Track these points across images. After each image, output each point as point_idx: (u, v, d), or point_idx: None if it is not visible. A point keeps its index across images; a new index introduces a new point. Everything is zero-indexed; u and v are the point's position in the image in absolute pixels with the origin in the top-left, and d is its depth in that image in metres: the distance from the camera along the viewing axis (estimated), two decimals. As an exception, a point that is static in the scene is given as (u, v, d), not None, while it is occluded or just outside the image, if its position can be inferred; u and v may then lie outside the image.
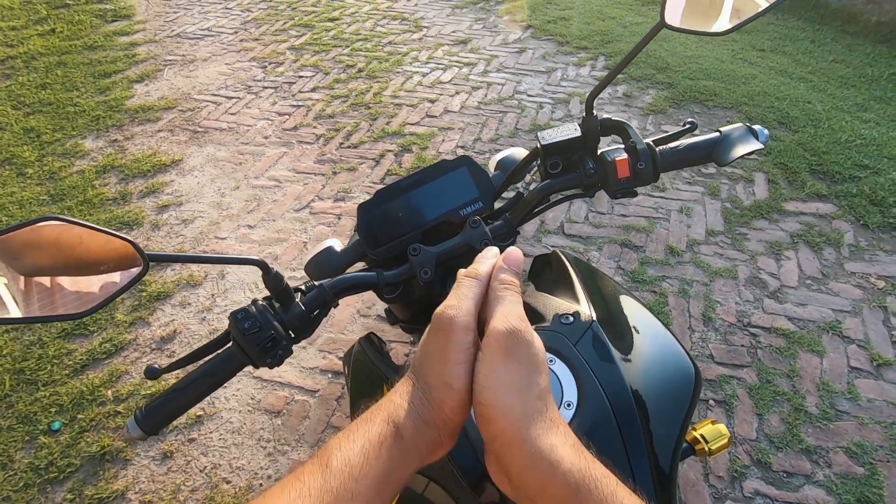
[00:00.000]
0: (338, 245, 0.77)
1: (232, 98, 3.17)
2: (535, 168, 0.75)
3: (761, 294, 1.95)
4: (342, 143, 2.76)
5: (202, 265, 2.11)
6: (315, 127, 2.89)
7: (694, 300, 1.92)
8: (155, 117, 3.02)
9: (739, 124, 0.68)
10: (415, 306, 0.80)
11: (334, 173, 2.56)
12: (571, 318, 0.58)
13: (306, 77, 3.33)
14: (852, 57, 3.45)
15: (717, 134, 0.67)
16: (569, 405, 0.51)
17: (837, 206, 2.31)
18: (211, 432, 1.59)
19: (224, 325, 1.92)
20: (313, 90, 3.20)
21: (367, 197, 0.82)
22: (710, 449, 0.86)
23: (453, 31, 3.86)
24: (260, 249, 2.18)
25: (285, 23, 4.06)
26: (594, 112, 0.66)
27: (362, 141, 2.76)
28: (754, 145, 0.64)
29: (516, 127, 2.83)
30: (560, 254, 0.79)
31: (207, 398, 1.60)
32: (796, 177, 2.46)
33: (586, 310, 0.60)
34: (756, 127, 0.67)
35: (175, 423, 1.60)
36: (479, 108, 2.99)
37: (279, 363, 0.58)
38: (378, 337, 0.89)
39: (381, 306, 1.94)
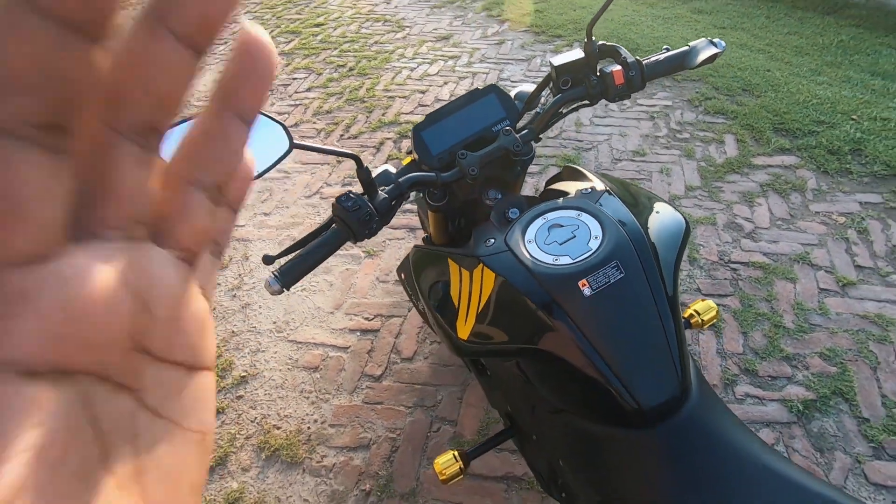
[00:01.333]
0: (392, 168, 0.95)
1: (231, 102, 3.31)
2: (547, 94, 0.94)
3: (738, 236, 2.17)
4: (343, 135, 2.93)
5: (235, 243, 2.26)
6: (315, 122, 3.06)
7: (679, 245, 2.14)
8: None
9: (703, 39, 0.88)
10: (452, 224, 0.98)
11: (339, 162, 2.73)
12: (589, 189, 0.77)
13: (300, 78, 3.50)
14: (804, 28, 3.74)
15: (687, 47, 0.87)
16: (596, 238, 0.70)
17: (800, 158, 2.56)
18: (256, 389, 1.74)
19: (255, 300, 2.07)
20: (308, 90, 3.37)
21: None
22: (702, 320, 1.05)
23: (434, 29, 4.06)
24: (278, 233, 2.34)
25: (272, 31, 4.23)
26: (593, 37, 0.85)
27: (361, 132, 2.93)
28: (715, 50, 0.84)
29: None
30: (571, 165, 0.98)
31: (251, 358, 1.75)
32: (762, 135, 2.70)
33: (600, 184, 0.79)
34: (715, 40, 0.87)
35: (221, 382, 1.75)
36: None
37: (372, 235, 0.75)
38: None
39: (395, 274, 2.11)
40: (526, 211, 0.77)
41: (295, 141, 0.69)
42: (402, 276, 1.05)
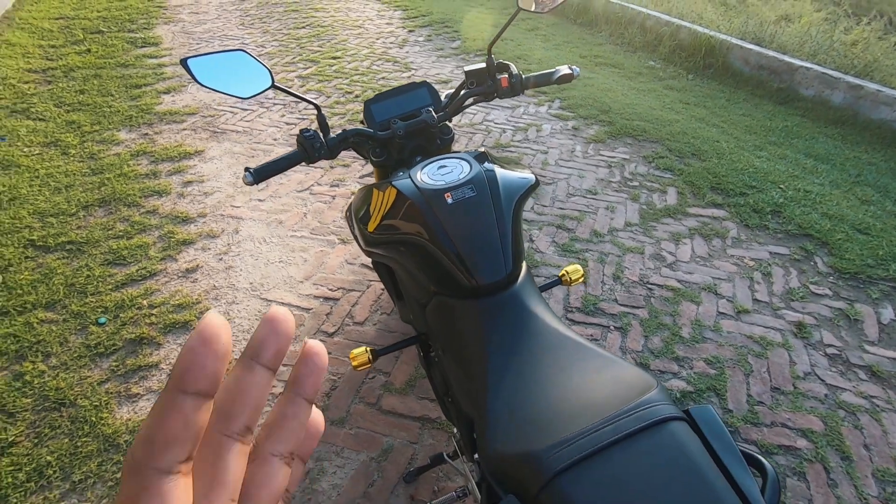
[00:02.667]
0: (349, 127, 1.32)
1: (246, 110, 3.76)
2: (461, 93, 1.33)
3: (660, 265, 2.52)
4: (339, 147, 3.34)
5: (229, 219, 2.60)
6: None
7: (608, 265, 2.49)
8: (180, 119, 3.58)
9: (565, 65, 1.28)
10: (388, 169, 1.34)
11: (331, 167, 3.12)
12: (476, 152, 1.14)
13: (311, 97, 3.96)
14: (757, 112, 4.27)
15: (554, 70, 1.26)
16: (465, 172, 1.05)
17: (728, 213, 2.95)
18: (226, 331, 2.03)
19: (238, 264, 2.39)
20: (316, 108, 3.82)
21: (358, 187, 1.35)
22: (571, 279, 1.39)
23: (437, 73, 4.59)
24: (268, 216, 2.69)
25: (294, 58, 4.76)
26: (492, 55, 1.24)
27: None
28: (569, 72, 1.23)
29: (483, 143, 3.47)
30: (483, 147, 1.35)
31: (226, 307, 2.04)
32: (699, 191, 3.11)
33: (482, 149, 1.16)
34: (574, 67, 1.26)
35: (194, 323, 2.04)
36: (454, 129, 3.63)
37: (320, 160, 1.11)
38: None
39: (363, 259, 2.44)
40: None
41: (275, 83, 1.06)
42: (346, 214, 1.38)
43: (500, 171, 1.07)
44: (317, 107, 1.11)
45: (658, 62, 5.35)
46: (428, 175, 1.06)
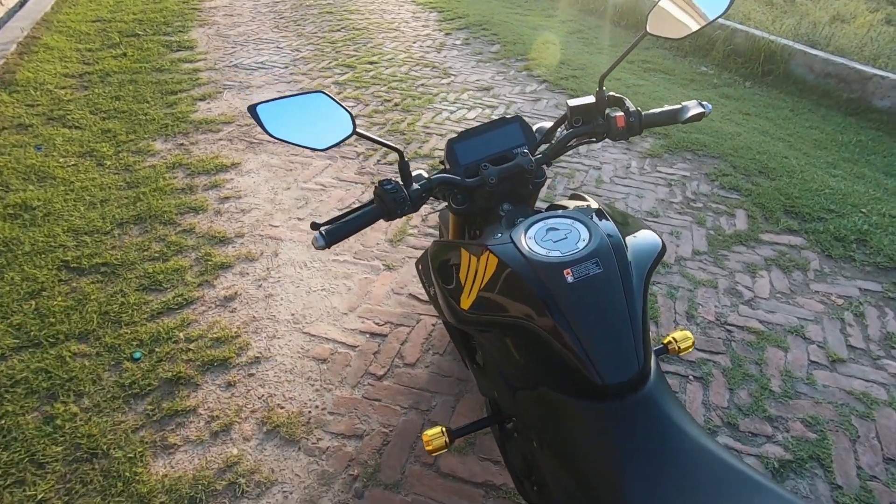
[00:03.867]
0: (426, 172, 1.13)
1: (283, 118, 3.62)
2: (561, 131, 1.13)
3: (737, 301, 2.28)
4: (379, 160, 3.17)
5: (268, 240, 2.45)
6: (356, 146, 3.32)
7: (679, 301, 2.25)
8: (216, 129, 3.46)
9: (693, 100, 1.06)
10: (471, 221, 1.15)
11: (372, 183, 2.95)
12: (585, 206, 0.94)
13: (349, 106, 3.81)
14: (826, 125, 3.95)
15: (680, 105, 1.04)
16: (584, 240, 0.85)
17: (806, 240, 2.68)
18: (267, 370, 1.87)
19: (278, 291, 2.24)
20: (356, 117, 3.66)
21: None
22: (679, 347, 1.18)
23: (477, 80, 4.39)
24: (308, 237, 2.53)
25: (330, 62, 4.62)
26: (604, 87, 1.04)
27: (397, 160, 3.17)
28: (702, 110, 1.02)
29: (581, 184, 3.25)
30: (577, 192, 1.15)
31: (266, 342, 1.89)
32: (772, 214, 2.84)
33: (594, 203, 0.95)
34: (703, 102, 1.05)
35: (236, 360, 1.89)
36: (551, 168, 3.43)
37: (402, 215, 0.92)
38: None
39: (412, 288, 2.26)
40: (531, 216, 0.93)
41: (357, 129, 0.87)
42: (420, 266, 1.20)
43: (624, 236, 0.87)
44: (399, 153, 0.92)
45: (711, 68, 5.04)
46: (536, 241, 0.86)
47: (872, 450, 1.69)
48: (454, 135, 1.09)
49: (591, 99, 1.06)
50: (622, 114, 1.02)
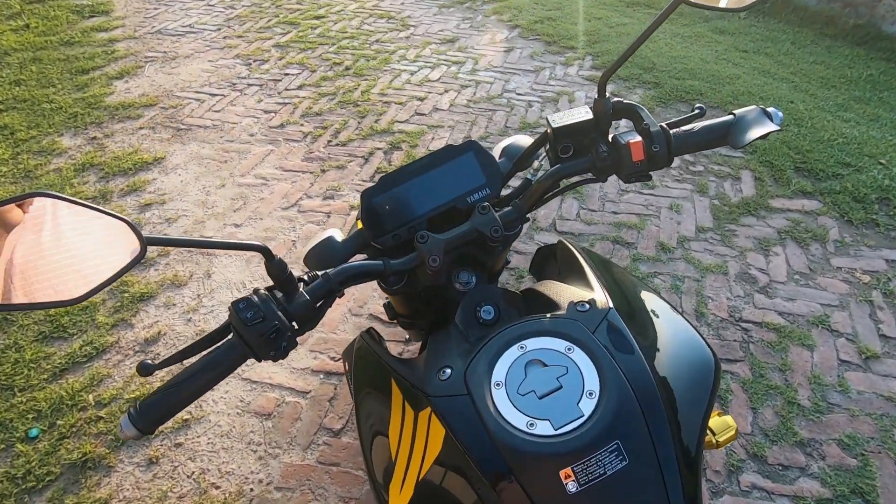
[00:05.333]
0: (338, 235, 0.75)
1: (216, 95, 3.10)
2: (543, 154, 0.73)
3: (751, 289, 1.96)
4: (330, 141, 2.72)
5: (198, 257, 2.05)
6: (302, 125, 2.84)
7: (686, 296, 1.93)
8: (136, 114, 2.94)
9: (753, 106, 0.68)
10: (418, 300, 0.78)
11: (323, 171, 2.52)
12: (587, 306, 0.57)
13: (292, 74, 3.28)
14: (832, 58, 3.53)
15: (731, 117, 0.66)
16: (591, 394, 0.49)
17: (822, 203, 2.35)
18: (199, 436, 1.53)
19: (211, 325, 1.86)
20: (300, 87, 3.15)
21: (357, 194, 0.80)
22: (717, 441, 0.85)
23: (440, 30, 3.84)
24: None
25: (270, 20, 4.00)
26: (606, 94, 0.64)
27: (351, 139, 2.72)
28: (769, 127, 0.64)
29: (506, 125, 2.82)
30: (567, 243, 0.78)
31: (198, 399, 1.54)
32: (782, 174, 2.49)
33: (602, 297, 0.59)
34: (770, 109, 0.66)
35: (161, 427, 1.54)
36: (468, 106, 2.97)
37: (284, 355, 0.55)
38: (377, 332, 0.86)
39: (372, 306, 1.91)
40: (499, 326, 0.57)
41: (151, 237, 0.47)
42: (346, 366, 0.85)
43: (658, 363, 0.52)
44: (263, 251, 0.53)
45: (700, -3, 4.51)
46: (508, 391, 0.50)
47: (922, 474, 1.44)
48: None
49: (585, 113, 0.66)
50: (639, 138, 0.63)
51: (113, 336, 1.79)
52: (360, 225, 0.76)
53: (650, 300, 0.65)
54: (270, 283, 0.59)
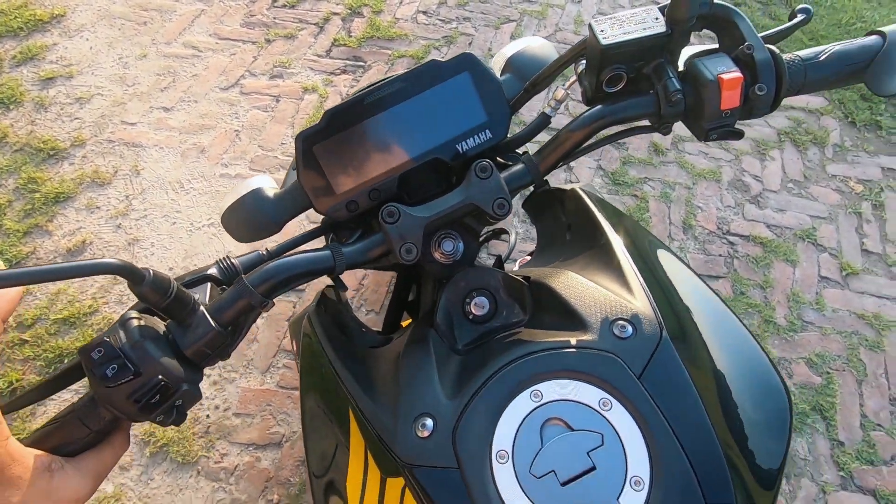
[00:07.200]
0: (269, 186, 0.52)
1: (123, -72, 2.44)
2: (573, 79, 0.50)
3: (743, 198, 1.84)
4: (275, 2, 2.23)
5: (122, 149, 1.73)
6: (238, -24, 2.30)
7: (675, 205, 1.80)
8: (19, -49, 2.30)
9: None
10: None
11: (268, 41, 2.09)
12: (630, 329, 0.39)
13: None
14: (865, -82, 3.04)
15: (879, 39, 0.43)
16: (637, 483, 0.34)
17: (828, 101, 2.15)
18: (143, 360, 1.40)
19: (144, 233, 1.63)
20: (232, -77, 2.50)
21: (311, 73, 0.54)
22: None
23: None
24: (181, 139, 1.80)
25: None
26: None
27: (300, -1, 2.23)
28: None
29: (489, -12, 2.36)
30: (581, 193, 0.57)
31: None
32: (791, 64, 2.24)
33: (648, 310, 0.41)
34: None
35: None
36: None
37: (182, 419, 0.37)
38: (337, 293, 0.67)
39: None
40: (499, 336, 0.39)
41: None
42: (294, 346, 0.67)
43: (735, 433, 0.37)
44: (124, 271, 0.32)
45: None
46: (517, 468, 0.34)
47: (879, 390, 1.48)
48: (310, 125, 0.44)
49: (653, 21, 0.40)
50: (736, 72, 0.39)
51: (27, 245, 1.54)
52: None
53: (705, 305, 0.48)
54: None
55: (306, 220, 1.68)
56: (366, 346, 0.53)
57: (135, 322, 0.36)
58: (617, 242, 0.49)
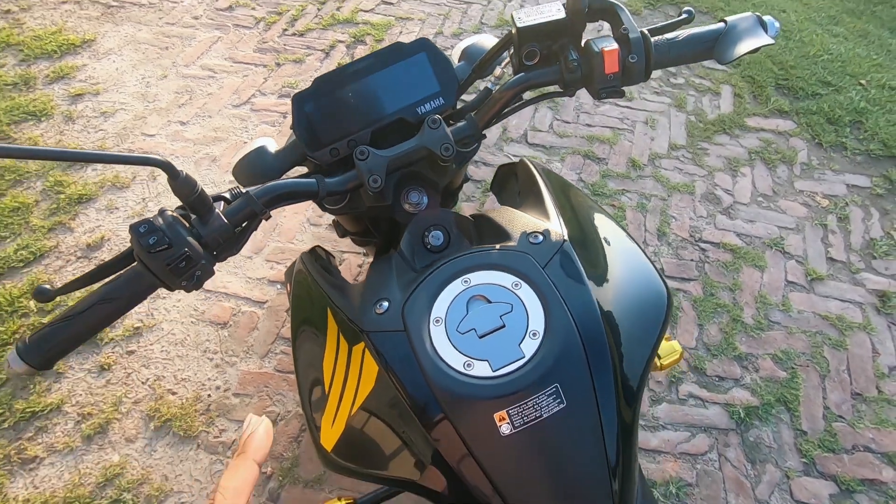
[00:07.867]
0: (272, 145, 0.66)
1: (151, -34, 2.69)
2: (507, 59, 0.64)
3: (714, 210, 1.97)
4: (286, 30, 2.44)
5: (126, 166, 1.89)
6: (254, 8, 2.53)
7: (651, 214, 1.93)
8: (56, -15, 2.54)
9: (748, 13, 0.59)
10: (365, 218, 0.72)
11: (278, 65, 2.29)
12: (541, 237, 0.52)
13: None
14: (832, -37, 3.29)
15: (723, 25, 0.57)
16: (534, 334, 0.46)
17: (796, 124, 2.31)
18: (151, 344, 1.51)
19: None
20: (250, -37, 2.76)
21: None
22: (661, 364, 0.86)
23: None
24: (195, 149, 1.97)
25: None
26: None
27: (309, 28, 2.45)
28: (763, 40, 0.56)
29: (482, 21, 2.58)
30: (528, 163, 0.71)
31: (148, 305, 1.48)
32: (762, 91, 2.41)
33: (557, 227, 0.54)
34: (767, 18, 0.58)
35: (109, 334, 1.51)
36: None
37: (198, 286, 0.49)
38: (325, 250, 0.80)
39: (330, 218, 1.83)
40: (449, 254, 0.52)
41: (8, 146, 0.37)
42: (287, 288, 0.79)
43: (608, 297, 0.49)
44: (165, 166, 0.45)
45: None
46: (448, 328, 0.47)
47: (841, 385, 1.57)
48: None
49: (556, 11, 0.55)
50: (615, 46, 0.53)
51: (51, 240, 1.68)
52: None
53: (609, 231, 0.61)
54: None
55: (306, 221, 1.82)
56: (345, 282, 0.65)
57: (169, 212, 0.48)
58: (545, 188, 0.62)
